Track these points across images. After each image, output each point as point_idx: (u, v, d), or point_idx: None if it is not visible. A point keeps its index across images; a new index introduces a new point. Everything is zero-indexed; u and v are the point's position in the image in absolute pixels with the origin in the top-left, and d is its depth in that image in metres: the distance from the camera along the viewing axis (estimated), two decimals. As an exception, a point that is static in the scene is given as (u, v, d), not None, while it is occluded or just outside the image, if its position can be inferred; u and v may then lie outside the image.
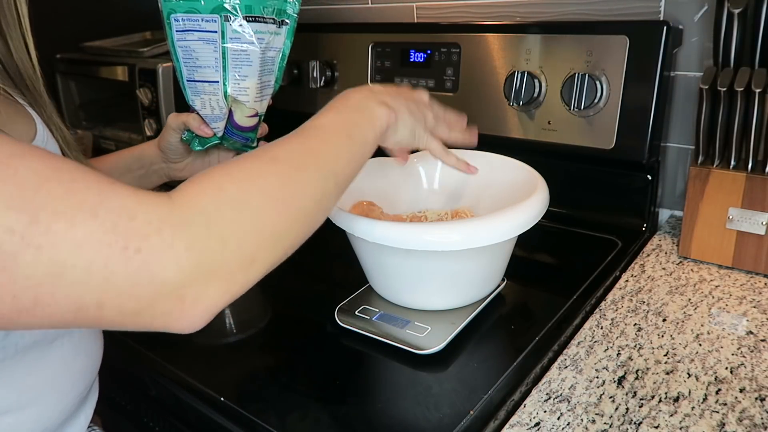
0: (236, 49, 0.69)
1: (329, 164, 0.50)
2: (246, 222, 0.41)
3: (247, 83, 0.72)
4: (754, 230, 0.76)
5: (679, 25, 0.87)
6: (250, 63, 0.71)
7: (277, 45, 0.73)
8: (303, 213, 0.46)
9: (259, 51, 0.70)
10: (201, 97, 0.73)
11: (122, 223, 0.36)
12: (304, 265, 0.87)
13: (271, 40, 0.72)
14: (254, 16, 0.68)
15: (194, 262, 0.38)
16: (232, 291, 0.41)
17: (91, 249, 0.35)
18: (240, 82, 0.71)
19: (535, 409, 0.57)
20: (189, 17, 0.67)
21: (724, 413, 0.55)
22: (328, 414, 0.59)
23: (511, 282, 0.77)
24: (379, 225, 0.63)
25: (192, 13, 0.67)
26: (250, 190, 0.43)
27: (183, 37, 0.69)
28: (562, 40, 0.89)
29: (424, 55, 1.05)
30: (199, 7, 0.67)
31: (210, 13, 0.67)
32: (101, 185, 0.38)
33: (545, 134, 0.93)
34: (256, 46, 0.70)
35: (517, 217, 0.63)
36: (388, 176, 0.82)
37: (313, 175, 0.48)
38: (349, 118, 0.56)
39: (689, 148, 0.92)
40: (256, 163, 0.45)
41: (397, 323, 0.69)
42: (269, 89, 0.77)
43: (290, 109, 1.25)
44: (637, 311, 0.72)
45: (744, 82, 0.72)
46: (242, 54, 0.70)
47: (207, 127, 0.75)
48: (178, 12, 0.67)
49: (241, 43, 0.69)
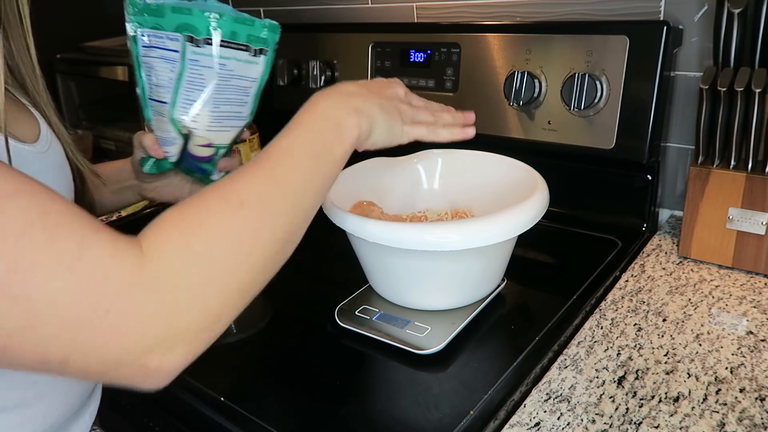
0: (192, 73, 0.64)
1: (298, 198, 0.49)
2: (214, 282, 0.41)
3: (197, 110, 0.66)
4: (754, 230, 0.76)
5: (679, 25, 0.87)
6: (203, 89, 0.64)
7: (251, 74, 0.67)
8: (271, 259, 0.46)
9: (220, 78, 0.64)
10: (156, 117, 0.69)
11: (96, 281, 0.36)
12: (304, 265, 0.87)
13: (243, 69, 0.65)
14: (225, 41, 0.62)
15: (161, 327, 0.38)
16: (197, 351, 0.41)
17: (65, 305, 0.35)
18: (188, 107, 0.65)
19: (535, 409, 0.57)
20: (154, 33, 0.64)
21: (724, 413, 0.55)
22: (328, 414, 0.59)
23: (511, 282, 0.77)
24: (379, 225, 0.63)
25: (157, 30, 0.64)
26: (220, 246, 0.42)
27: (147, 53, 0.66)
28: (562, 40, 0.89)
29: (424, 55, 1.05)
30: (163, 23, 0.63)
31: (173, 31, 0.63)
32: (84, 231, 0.37)
33: (545, 134, 0.93)
34: (215, 72, 0.64)
35: (517, 217, 0.64)
36: (389, 176, 0.82)
37: (283, 216, 0.47)
38: (317, 138, 0.53)
39: (689, 148, 0.92)
40: (225, 211, 0.43)
41: (397, 323, 0.69)
42: (236, 121, 0.70)
43: (290, 109, 1.25)
44: (637, 311, 0.72)
45: (744, 82, 0.72)
46: (197, 79, 0.64)
47: (159, 148, 0.70)
48: (143, 27, 0.64)
49: (199, 66, 0.63)
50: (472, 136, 0.67)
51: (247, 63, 0.65)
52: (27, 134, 0.59)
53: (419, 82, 1.05)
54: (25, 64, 0.61)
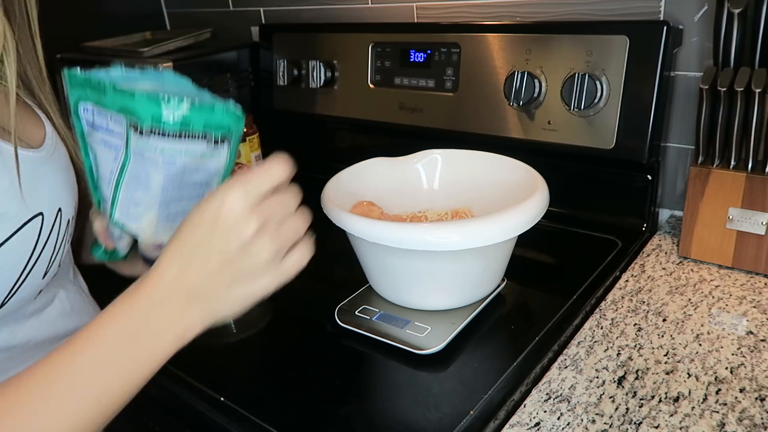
0: (135, 167, 0.51)
1: (94, 399, 0.44)
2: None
3: (141, 211, 0.53)
4: (754, 230, 0.76)
5: (679, 25, 0.87)
6: (148, 188, 0.51)
7: (210, 167, 0.52)
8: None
9: (167, 176, 0.50)
10: (102, 207, 0.57)
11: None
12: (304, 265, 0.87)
13: (199, 162, 0.51)
14: (176, 132, 0.48)
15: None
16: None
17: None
18: (130, 209, 0.54)
19: (535, 409, 0.57)
20: (98, 110, 0.52)
21: (724, 413, 0.55)
22: (328, 414, 0.59)
23: (511, 282, 0.77)
24: (379, 225, 0.63)
25: (100, 107, 0.51)
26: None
27: (90, 131, 0.54)
28: (562, 40, 0.89)
29: (424, 55, 1.05)
30: (105, 101, 0.50)
31: (117, 111, 0.49)
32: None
33: (545, 134, 0.93)
34: (161, 169, 0.50)
35: (517, 217, 0.64)
36: (388, 176, 0.82)
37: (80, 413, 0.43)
38: (142, 339, 0.45)
39: (689, 148, 0.92)
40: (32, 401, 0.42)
41: (397, 323, 0.69)
42: None
43: (290, 109, 1.25)
44: (637, 311, 0.72)
45: (744, 82, 0.72)
46: (141, 174, 0.51)
47: (108, 239, 0.60)
48: (86, 101, 0.52)
49: (143, 161, 0.50)
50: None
51: (208, 156, 0.51)
52: (33, 137, 0.59)
53: (419, 82, 1.05)
54: (32, 66, 0.61)
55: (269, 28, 1.26)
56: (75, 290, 0.69)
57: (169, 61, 1.15)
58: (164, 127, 0.47)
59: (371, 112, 1.12)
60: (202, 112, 0.48)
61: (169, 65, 1.15)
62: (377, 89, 1.11)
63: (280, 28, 1.25)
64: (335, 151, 1.25)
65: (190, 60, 1.20)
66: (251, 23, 1.36)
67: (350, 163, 0.82)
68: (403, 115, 1.07)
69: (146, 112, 0.47)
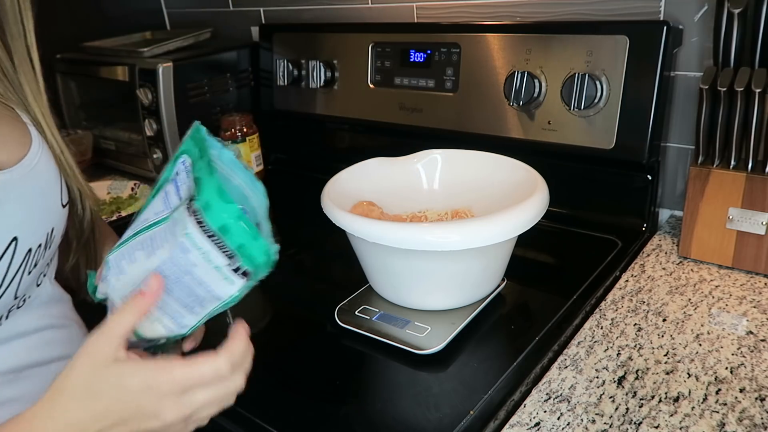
0: (160, 232, 0.48)
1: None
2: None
3: (127, 271, 0.49)
4: (754, 230, 0.76)
5: (679, 25, 0.87)
6: (151, 255, 0.48)
7: (216, 289, 0.46)
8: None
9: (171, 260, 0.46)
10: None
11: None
12: (304, 265, 0.87)
13: (207, 276, 0.45)
14: (211, 230, 0.44)
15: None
16: None
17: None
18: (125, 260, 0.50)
19: (535, 409, 0.57)
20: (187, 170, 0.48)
21: (724, 413, 0.55)
22: (328, 414, 0.59)
23: (511, 282, 0.77)
24: (379, 225, 0.63)
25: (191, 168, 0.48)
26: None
27: (168, 180, 0.50)
28: (562, 40, 0.89)
29: (424, 55, 1.05)
30: (195, 166, 0.47)
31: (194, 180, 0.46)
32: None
33: (545, 134, 0.93)
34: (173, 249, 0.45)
35: (517, 217, 0.64)
36: (388, 176, 0.82)
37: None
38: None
39: (689, 148, 0.92)
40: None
41: (397, 323, 0.69)
42: (170, 322, 0.49)
43: (290, 109, 1.25)
44: (637, 311, 0.72)
45: (744, 82, 0.72)
46: (157, 241, 0.47)
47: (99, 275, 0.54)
48: (189, 156, 0.49)
49: (170, 231, 0.46)
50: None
51: (217, 272, 0.45)
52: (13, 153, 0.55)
53: (419, 82, 1.05)
54: (29, 79, 0.57)
55: (269, 28, 1.26)
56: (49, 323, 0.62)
57: (169, 61, 1.15)
58: (205, 217, 0.44)
59: (371, 112, 1.12)
60: (244, 232, 0.44)
61: (170, 64, 1.15)
62: (377, 89, 1.11)
63: (280, 28, 1.25)
64: (335, 151, 1.25)
65: (190, 60, 1.20)
66: (251, 23, 1.36)
67: (350, 163, 0.82)
68: (403, 115, 1.07)
69: (204, 194, 0.44)
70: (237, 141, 1.19)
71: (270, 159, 1.32)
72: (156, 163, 1.24)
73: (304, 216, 0.88)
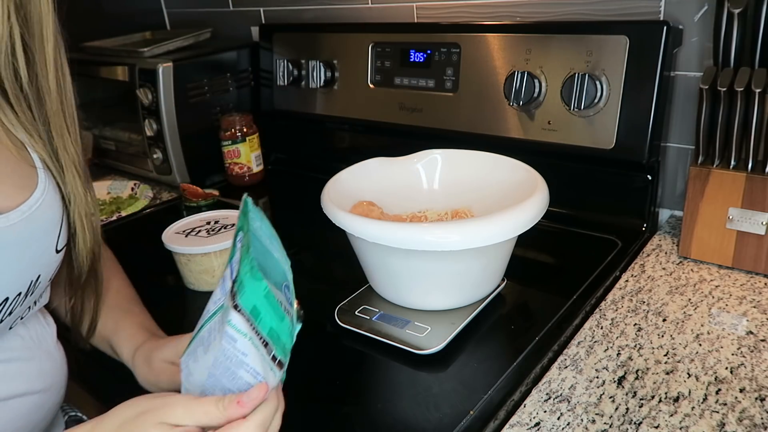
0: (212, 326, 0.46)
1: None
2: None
3: (192, 368, 0.47)
4: (754, 230, 0.76)
5: (679, 25, 0.87)
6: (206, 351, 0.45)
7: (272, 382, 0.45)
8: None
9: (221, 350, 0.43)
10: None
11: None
12: (304, 265, 0.87)
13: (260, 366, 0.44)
14: (246, 313, 0.42)
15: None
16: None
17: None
18: (190, 356, 0.48)
19: (535, 409, 0.57)
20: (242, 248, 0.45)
21: (724, 413, 0.55)
22: (328, 414, 0.59)
23: (511, 282, 0.77)
24: (379, 225, 0.63)
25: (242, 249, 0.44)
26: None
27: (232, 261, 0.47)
28: (562, 40, 0.89)
29: (424, 55, 1.05)
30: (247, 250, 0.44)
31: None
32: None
33: (545, 134, 0.93)
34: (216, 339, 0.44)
35: (517, 217, 0.64)
36: (388, 176, 0.82)
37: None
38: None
39: (689, 148, 0.92)
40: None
41: (397, 323, 0.69)
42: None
43: (290, 109, 1.25)
44: (637, 311, 0.72)
45: (744, 82, 0.72)
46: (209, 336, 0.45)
47: (182, 387, 0.50)
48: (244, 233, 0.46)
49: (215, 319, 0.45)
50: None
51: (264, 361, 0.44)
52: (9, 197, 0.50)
53: (419, 82, 1.05)
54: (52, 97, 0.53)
55: (269, 28, 1.26)
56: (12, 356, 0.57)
57: (169, 61, 1.15)
58: (240, 300, 0.42)
59: (371, 112, 1.12)
60: (273, 313, 0.44)
61: (169, 64, 1.15)
62: (377, 89, 1.11)
63: (280, 28, 1.25)
64: (335, 151, 1.25)
65: (190, 60, 1.20)
66: (251, 23, 1.36)
67: (350, 163, 0.82)
68: (402, 115, 1.07)
69: (240, 275, 0.42)
70: (237, 141, 1.19)
71: (270, 159, 1.32)
72: (156, 163, 1.24)
73: (304, 216, 0.88)
